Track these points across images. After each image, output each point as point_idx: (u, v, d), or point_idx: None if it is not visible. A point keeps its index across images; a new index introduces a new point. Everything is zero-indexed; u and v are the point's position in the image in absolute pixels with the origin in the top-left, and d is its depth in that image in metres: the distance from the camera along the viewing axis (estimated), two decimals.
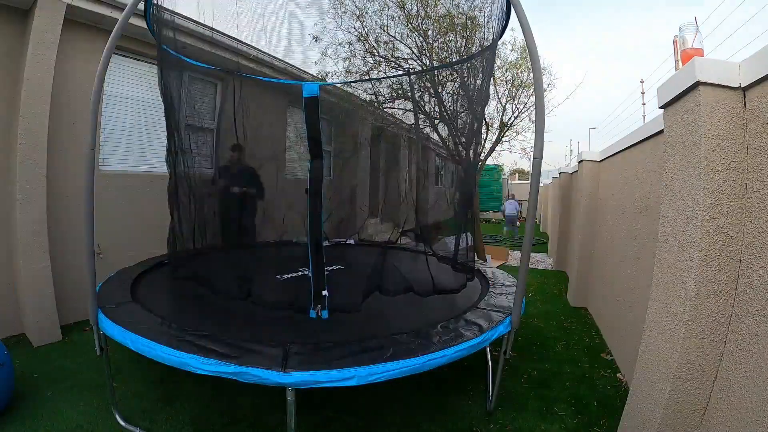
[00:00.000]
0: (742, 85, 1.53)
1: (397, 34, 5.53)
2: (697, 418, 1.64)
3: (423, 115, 4.62)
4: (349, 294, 2.49)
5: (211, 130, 4.28)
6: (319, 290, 2.34)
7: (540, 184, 2.82)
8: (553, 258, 7.10)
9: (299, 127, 4.22)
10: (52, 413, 2.19)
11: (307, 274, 2.82)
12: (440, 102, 4.44)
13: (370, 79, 5.71)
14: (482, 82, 2.87)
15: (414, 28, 5.42)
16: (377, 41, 5.62)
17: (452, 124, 4.20)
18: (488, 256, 6.72)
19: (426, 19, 5.39)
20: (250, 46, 4.42)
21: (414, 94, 4.41)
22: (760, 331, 1.39)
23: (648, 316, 1.90)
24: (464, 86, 3.46)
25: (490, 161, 7.41)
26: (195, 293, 2.64)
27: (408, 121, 5.11)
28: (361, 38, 5.55)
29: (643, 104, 12.46)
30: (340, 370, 1.65)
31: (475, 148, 3.22)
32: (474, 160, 3.15)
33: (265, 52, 4.66)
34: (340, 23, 5.38)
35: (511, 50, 6.32)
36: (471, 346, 1.96)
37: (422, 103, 4.58)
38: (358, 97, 5.63)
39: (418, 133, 4.45)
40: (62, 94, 3.26)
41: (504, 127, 6.61)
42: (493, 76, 4.95)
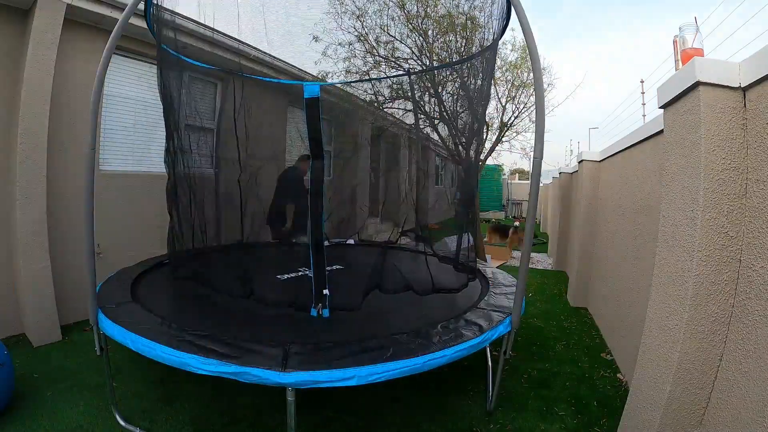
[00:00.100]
0: (742, 85, 1.53)
1: (397, 34, 5.55)
2: (697, 418, 1.64)
3: (423, 115, 4.62)
4: (350, 293, 2.49)
5: (211, 130, 4.29)
6: (320, 289, 2.34)
7: (540, 184, 2.82)
8: (553, 258, 7.10)
9: (300, 127, 4.23)
10: (52, 413, 2.19)
11: (308, 274, 2.82)
12: (440, 102, 4.45)
13: (370, 79, 5.72)
14: (482, 82, 2.87)
15: (414, 28, 5.42)
16: (377, 41, 5.63)
17: (452, 124, 4.21)
18: (488, 256, 6.73)
19: (426, 19, 5.40)
20: (251, 46, 4.42)
21: (414, 94, 4.41)
22: (760, 331, 1.39)
23: (648, 316, 1.90)
24: (464, 86, 3.47)
25: (490, 161, 7.42)
26: (195, 293, 2.64)
27: (408, 121, 5.11)
28: (361, 38, 5.56)
29: (643, 104, 12.45)
30: (340, 370, 1.65)
31: (476, 148, 3.22)
32: (474, 160, 3.15)
33: (265, 52, 4.66)
34: (341, 23, 5.40)
35: (511, 50, 6.34)
36: (471, 346, 1.96)
37: (422, 103, 4.59)
38: (359, 97, 5.64)
39: (418, 133, 4.45)
40: (62, 94, 3.26)
41: (504, 127, 6.62)
42: (494, 76, 4.94)
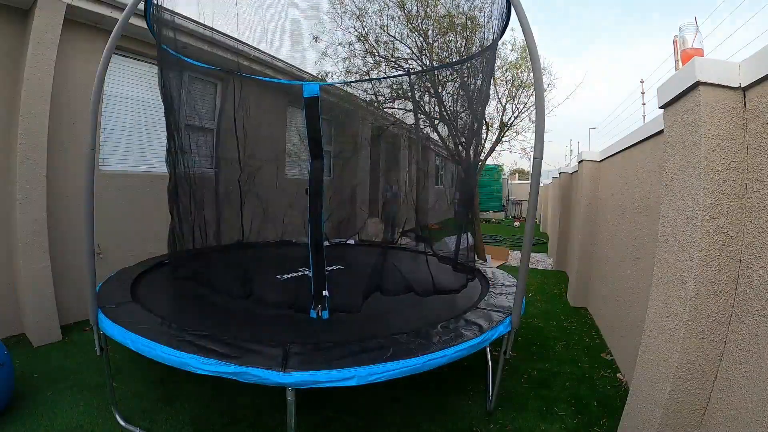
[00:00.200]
0: (742, 85, 1.53)
1: (397, 34, 5.54)
2: (697, 418, 1.64)
3: (423, 115, 4.62)
4: (350, 294, 2.49)
5: (211, 130, 4.29)
6: (320, 290, 2.34)
7: (540, 184, 2.82)
8: (553, 258, 7.10)
9: (299, 127, 4.24)
10: (52, 413, 2.19)
11: (308, 274, 2.82)
12: (440, 102, 4.44)
13: (370, 79, 5.71)
14: (482, 82, 2.87)
15: (414, 28, 5.42)
16: (377, 41, 5.62)
17: (452, 124, 4.21)
18: (488, 256, 6.72)
19: (426, 19, 5.39)
20: (250, 46, 4.43)
21: (414, 94, 4.41)
22: (760, 331, 1.39)
23: (648, 316, 1.90)
24: (464, 86, 3.47)
25: (490, 161, 7.42)
26: (195, 293, 2.64)
27: (408, 121, 5.11)
28: (361, 38, 5.56)
29: (643, 104, 12.44)
30: (340, 370, 1.65)
31: (476, 148, 3.22)
32: (474, 160, 3.15)
33: (265, 52, 4.66)
34: (340, 23, 5.40)
35: (511, 50, 6.33)
36: (471, 346, 1.96)
37: (422, 103, 4.58)
38: (358, 97, 5.64)
39: (418, 133, 4.45)
40: (62, 94, 3.26)
41: (504, 127, 6.62)
42: (493, 76, 4.94)
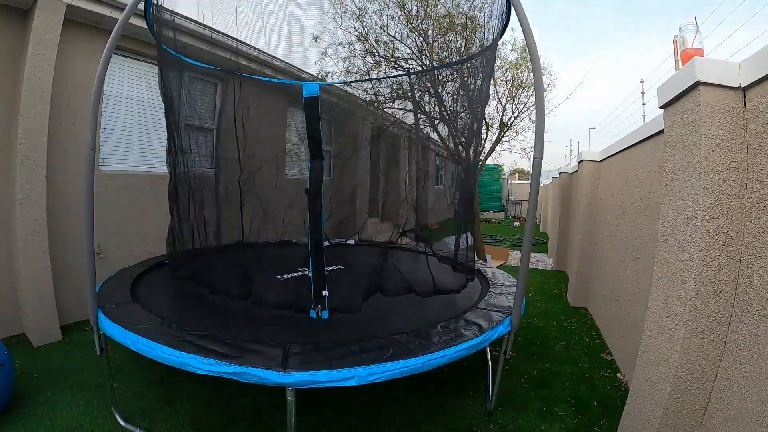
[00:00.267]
0: (742, 85, 1.53)
1: (397, 34, 5.54)
2: (697, 418, 1.64)
3: (423, 115, 4.62)
4: (350, 294, 2.49)
5: (211, 130, 4.29)
6: (320, 290, 2.34)
7: (540, 184, 2.82)
8: (553, 258, 7.10)
9: (299, 127, 4.24)
10: (52, 413, 2.19)
11: (308, 274, 2.82)
12: (440, 102, 4.44)
13: (370, 79, 5.71)
14: (482, 82, 2.87)
15: (414, 28, 5.42)
16: (377, 41, 5.62)
17: (452, 124, 4.21)
18: (488, 256, 6.72)
19: (426, 19, 5.39)
20: (250, 46, 4.42)
21: (414, 94, 4.41)
22: (760, 331, 1.39)
23: (648, 316, 1.90)
24: (464, 86, 3.47)
25: (490, 161, 7.41)
26: (195, 293, 2.64)
27: (408, 121, 5.11)
28: (361, 38, 5.56)
29: (643, 104, 12.46)
30: (340, 370, 1.65)
31: (475, 148, 3.22)
32: (474, 160, 3.15)
33: (265, 52, 4.66)
34: (340, 23, 5.40)
35: (511, 50, 6.33)
36: (471, 346, 1.96)
37: (422, 103, 4.58)
38: (358, 97, 5.64)
39: (418, 133, 4.45)
40: (62, 94, 3.26)
41: (504, 127, 6.61)
42: (493, 76, 4.94)
